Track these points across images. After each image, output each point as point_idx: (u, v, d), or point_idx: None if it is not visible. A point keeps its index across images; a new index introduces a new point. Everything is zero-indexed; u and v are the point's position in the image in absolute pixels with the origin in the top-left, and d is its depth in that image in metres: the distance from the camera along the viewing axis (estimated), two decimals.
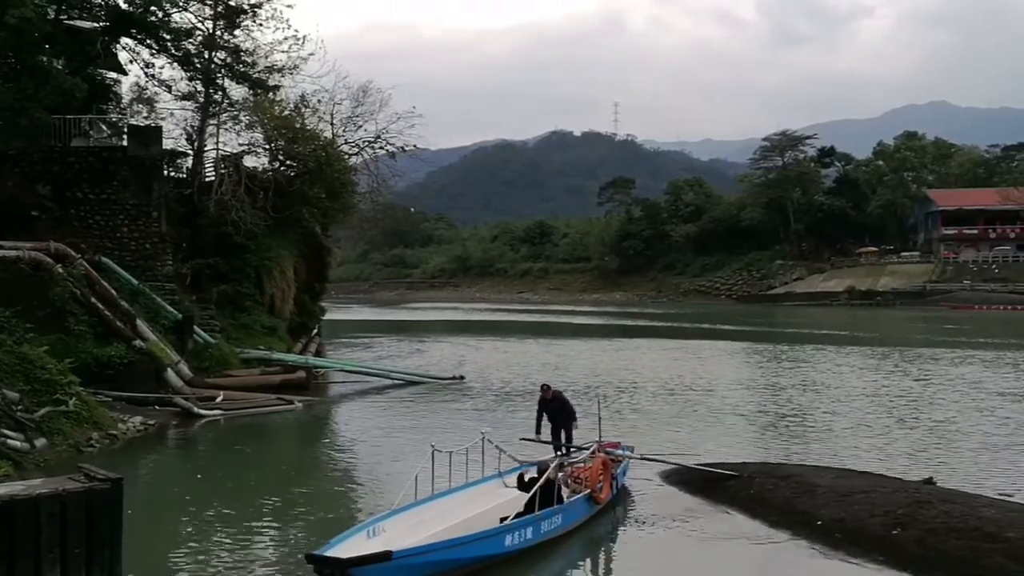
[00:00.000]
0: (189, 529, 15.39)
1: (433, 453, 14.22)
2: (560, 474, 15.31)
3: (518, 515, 13.70)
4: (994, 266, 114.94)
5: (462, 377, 36.07)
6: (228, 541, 14.75)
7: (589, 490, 15.41)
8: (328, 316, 52.59)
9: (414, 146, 44.83)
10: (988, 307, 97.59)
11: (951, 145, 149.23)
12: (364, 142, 44.49)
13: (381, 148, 44.56)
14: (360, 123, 44.15)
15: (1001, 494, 16.64)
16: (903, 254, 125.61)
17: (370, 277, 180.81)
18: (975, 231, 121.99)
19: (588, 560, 14.87)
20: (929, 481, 16.92)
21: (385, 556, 11.01)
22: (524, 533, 13.31)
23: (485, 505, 14.44)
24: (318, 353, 40.46)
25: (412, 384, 35.01)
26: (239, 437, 25.10)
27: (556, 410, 18.67)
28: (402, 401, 31.35)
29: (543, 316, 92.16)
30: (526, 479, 15.24)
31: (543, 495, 14.25)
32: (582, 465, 16.29)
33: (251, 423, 27.02)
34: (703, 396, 31.59)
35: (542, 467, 14.94)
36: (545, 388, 18.87)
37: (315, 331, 45.02)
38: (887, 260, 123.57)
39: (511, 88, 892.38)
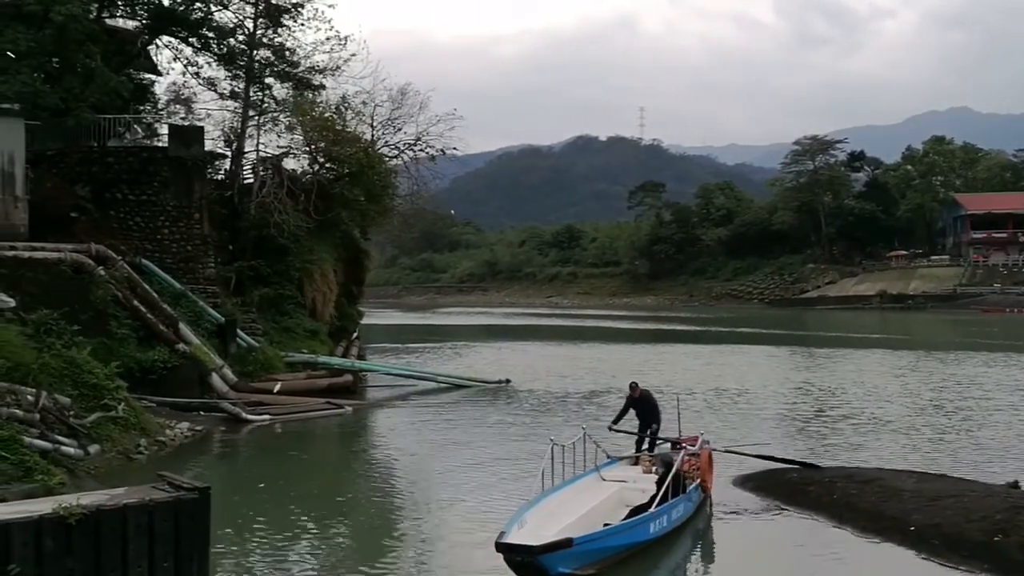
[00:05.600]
0: (264, 541, 14.69)
1: (552, 448, 14.69)
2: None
3: (644, 506, 14.33)
4: None
5: (508, 380, 35.35)
6: (308, 552, 14.28)
7: (699, 480, 16.07)
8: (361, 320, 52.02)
9: (454, 149, 44.28)
10: (1019, 310, 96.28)
11: (978, 150, 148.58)
12: (404, 144, 43.90)
13: (421, 151, 43.96)
14: (399, 125, 43.58)
15: None
16: (932, 258, 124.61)
17: (399, 282, 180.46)
18: (1004, 235, 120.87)
19: (678, 566, 14.42)
20: (1015, 485, 16.33)
21: (567, 543, 11.97)
22: (662, 521, 14.16)
23: (596, 497, 15.18)
24: (360, 357, 39.84)
25: (458, 388, 34.35)
26: (291, 443, 24.53)
27: (644, 408, 18.63)
28: (451, 405, 30.79)
29: (576, 320, 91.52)
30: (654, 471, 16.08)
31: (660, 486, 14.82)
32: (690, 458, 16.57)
33: (300, 429, 26.39)
34: (753, 399, 31.07)
35: (668, 460, 15.76)
36: (633, 386, 18.89)
37: (355, 335, 44.43)
38: (917, 264, 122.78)
39: (530, 92, 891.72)
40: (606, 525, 13.56)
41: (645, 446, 18.27)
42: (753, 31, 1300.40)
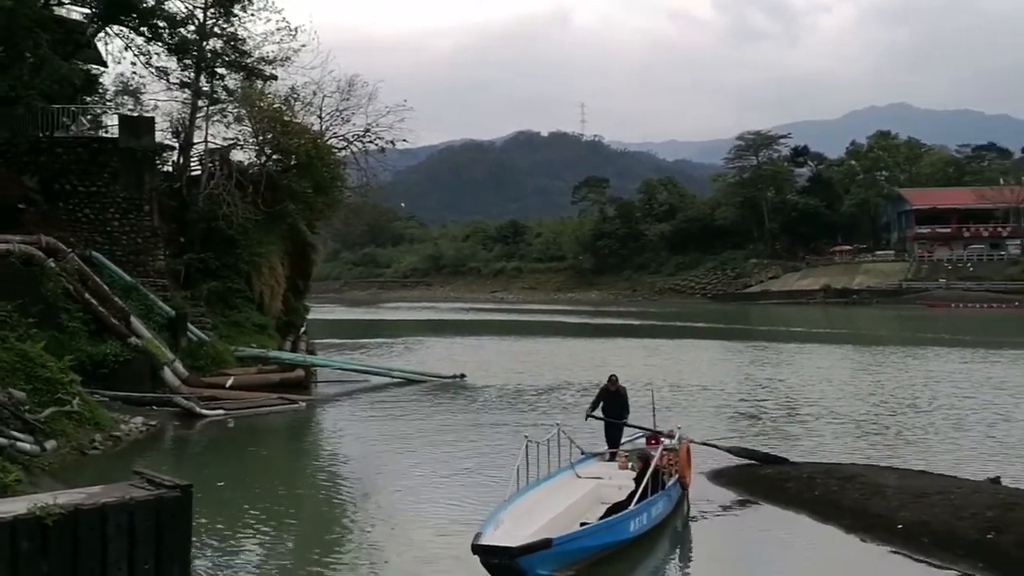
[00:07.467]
0: (227, 540, 14.29)
1: (527, 445, 14.47)
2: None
3: (622, 503, 13.98)
4: (968, 264, 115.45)
5: (463, 375, 35.08)
6: (271, 551, 13.89)
7: (678, 475, 15.73)
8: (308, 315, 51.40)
9: (404, 140, 44.03)
10: (964, 305, 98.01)
11: (922, 145, 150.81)
12: (353, 136, 43.54)
13: (371, 142, 43.62)
14: (348, 116, 43.23)
15: None
16: (877, 253, 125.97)
17: (340, 276, 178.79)
18: (948, 230, 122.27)
19: (658, 565, 14.17)
20: (996, 481, 16.20)
21: (546, 544, 11.61)
22: (642, 519, 13.82)
23: (573, 495, 14.90)
24: (308, 352, 39.39)
25: (412, 383, 34.02)
26: (246, 438, 24.04)
27: (616, 403, 18.34)
28: (405, 400, 30.38)
29: (524, 315, 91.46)
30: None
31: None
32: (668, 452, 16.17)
33: (253, 424, 25.97)
34: (718, 395, 30.85)
35: (646, 456, 15.38)
36: (613, 379, 18.57)
37: (302, 329, 43.96)
38: (862, 259, 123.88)
39: (471, 86, 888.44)
40: (583, 524, 13.26)
41: (625, 437, 18.12)
42: (690, 26, 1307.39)
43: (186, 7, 37.95)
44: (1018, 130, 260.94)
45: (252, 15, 38.71)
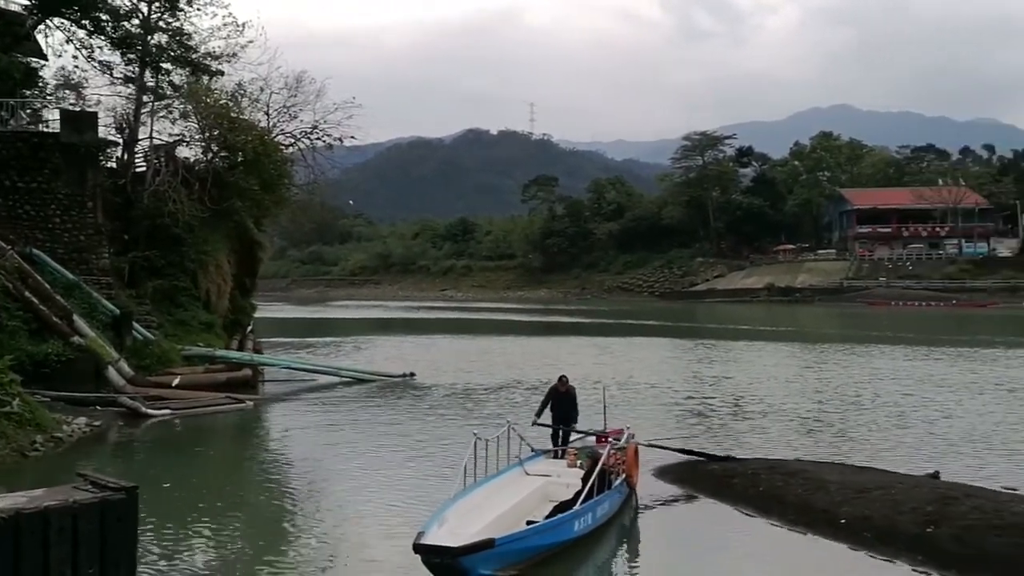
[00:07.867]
0: (180, 542, 14.07)
1: (475, 442, 14.34)
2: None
3: (568, 502, 13.86)
4: (908, 264, 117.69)
5: (412, 374, 34.91)
6: (218, 555, 13.66)
7: (625, 475, 15.63)
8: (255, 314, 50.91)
9: (352, 137, 43.84)
10: (903, 303, 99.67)
11: (863, 146, 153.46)
12: (301, 132, 43.29)
13: (318, 139, 43.38)
14: (295, 113, 42.98)
15: (1005, 487, 16.16)
16: (819, 252, 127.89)
17: (288, 274, 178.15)
18: (888, 229, 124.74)
19: (604, 564, 14.04)
20: (935, 476, 16.46)
21: (489, 544, 11.45)
22: (587, 519, 13.65)
23: (520, 492, 14.82)
24: (256, 351, 39.06)
25: (360, 382, 33.80)
26: (193, 438, 23.70)
27: (566, 403, 18.23)
28: (354, 399, 30.14)
29: (474, 313, 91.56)
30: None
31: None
32: (616, 452, 16.08)
33: (200, 424, 25.62)
34: (668, 393, 30.97)
35: (595, 455, 15.31)
36: (563, 380, 18.47)
37: (249, 328, 43.64)
38: (804, 258, 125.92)
39: (420, 83, 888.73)
40: (530, 522, 13.15)
41: (573, 439, 17.98)
42: (639, 26, 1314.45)
43: (130, 0, 37.53)
44: (956, 132, 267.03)
45: (198, 10, 38.61)
